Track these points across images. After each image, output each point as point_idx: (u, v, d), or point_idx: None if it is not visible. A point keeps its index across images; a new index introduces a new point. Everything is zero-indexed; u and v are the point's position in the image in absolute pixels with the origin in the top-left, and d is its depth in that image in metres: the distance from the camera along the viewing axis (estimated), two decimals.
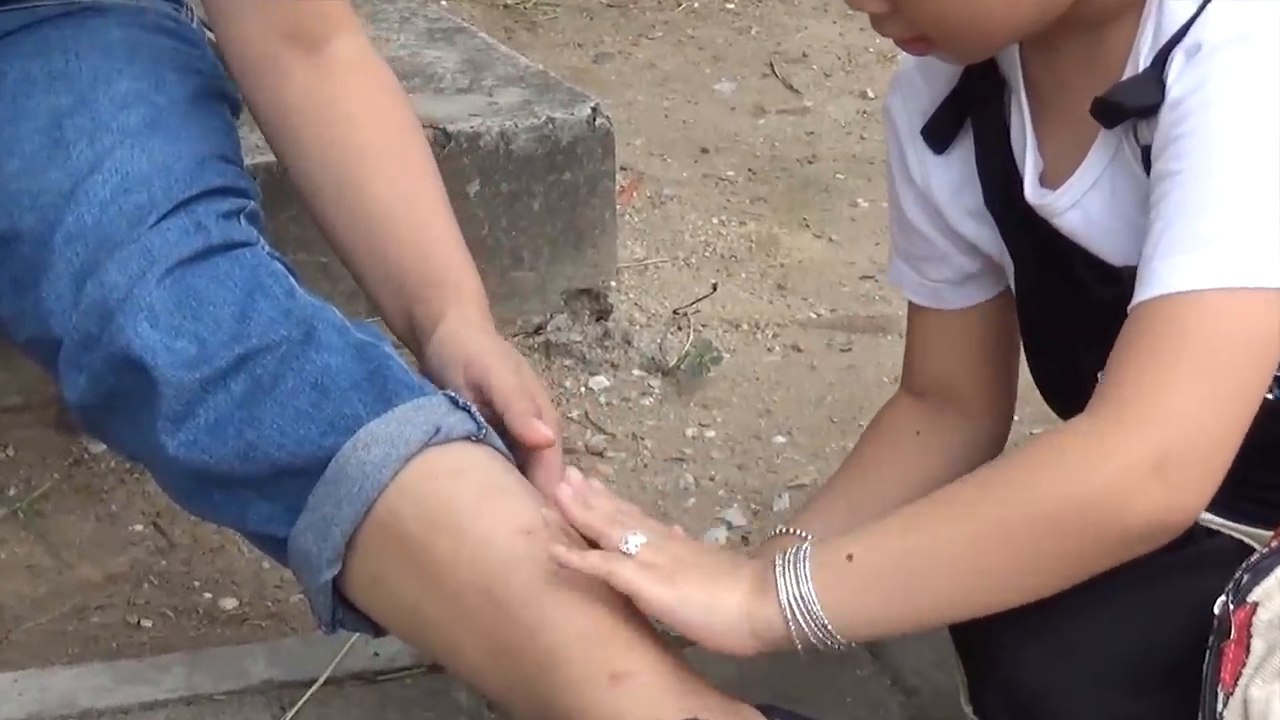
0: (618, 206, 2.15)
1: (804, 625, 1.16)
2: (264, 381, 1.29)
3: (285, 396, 1.29)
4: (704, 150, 2.59)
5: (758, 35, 3.05)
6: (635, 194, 2.40)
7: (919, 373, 1.47)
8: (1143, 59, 1.21)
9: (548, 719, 1.24)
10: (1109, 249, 1.26)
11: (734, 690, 1.25)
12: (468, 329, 1.44)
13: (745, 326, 2.13)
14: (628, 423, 1.95)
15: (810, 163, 2.57)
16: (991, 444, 1.45)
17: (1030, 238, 1.32)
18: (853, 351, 2.09)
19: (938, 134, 1.34)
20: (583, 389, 2.00)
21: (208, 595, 1.69)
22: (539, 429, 1.33)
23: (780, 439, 1.93)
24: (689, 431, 1.93)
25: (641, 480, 1.86)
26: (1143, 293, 1.17)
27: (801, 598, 1.16)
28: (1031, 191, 1.29)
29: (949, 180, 1.36)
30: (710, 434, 1.93)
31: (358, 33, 1.61)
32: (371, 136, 1.55)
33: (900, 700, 1.48)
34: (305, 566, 1.31)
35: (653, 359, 2.03)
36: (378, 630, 1.36)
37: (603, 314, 2.07)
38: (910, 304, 1.44)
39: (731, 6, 3.17)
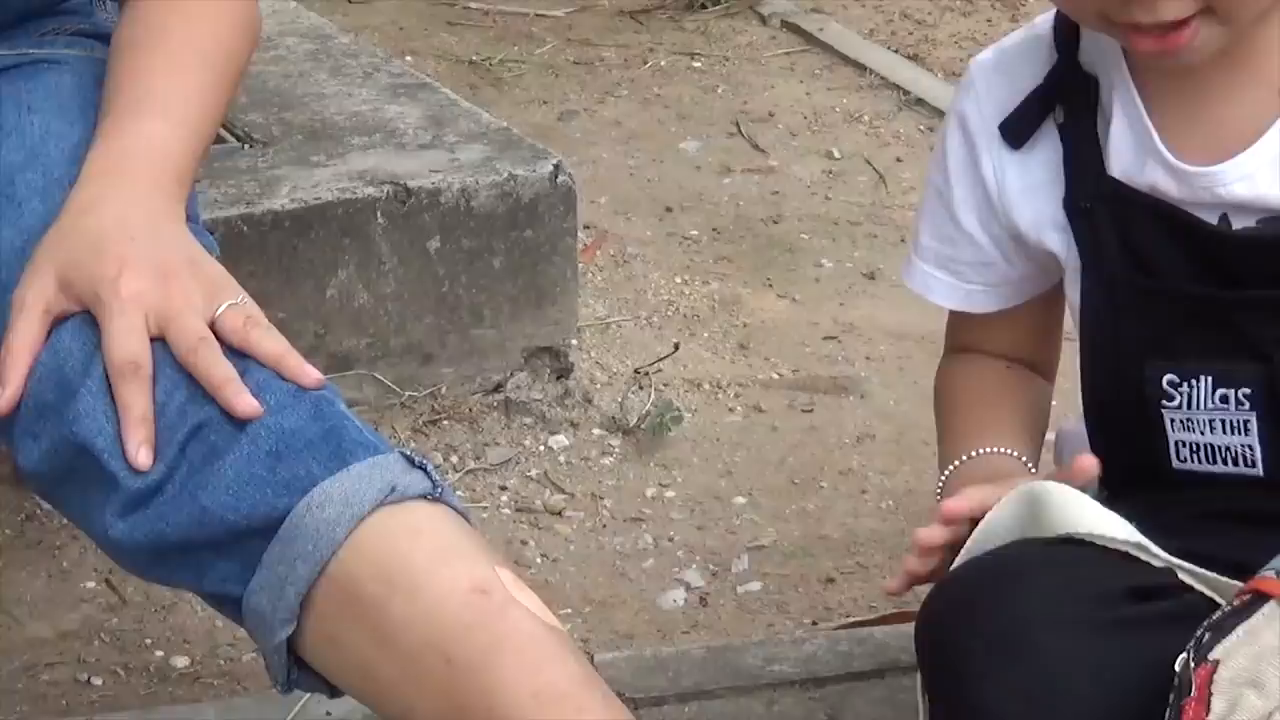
0: (580, 264, 2.14)
1: None
2: (218, 447, 1.27)
3: (240, 460, 1.27)
4: (668, 209, 2.60)
5: (724, 94, 3.05)
6: (598, 252, 2.40)
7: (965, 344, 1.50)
8: None
9: None
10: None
11: None
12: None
13: (707, 386, 2.13)
14: (587, 482, 1.94)
15: (775, 222, 2.57)
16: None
17: (1119, 230, 1.31)
18: (814, 412, 2.09)
19: (1018, 130, 1.34)
20: (542, 448, 1.99)
21: (159, 653, 1.67)
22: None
23: (740, 500, 1.92)
24: (649, 491, 1.93)
25: (600, 540, 1.85)
26: None
27: None
28: (1163, 175, 1.28)
29: (1023, 180, 1.35)
30: (670, 494, 1.92)
31: None
32: (155, 31, 1.51)
33: None
34: (260, 626, 1.29)
35: (613, 418, 2.03)
36: (333, 690, 1.35)
37: (563, 372, 2.07)
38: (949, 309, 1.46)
39: (698, 65, 3.17)
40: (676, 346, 2.20)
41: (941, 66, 3.17)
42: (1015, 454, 1.35)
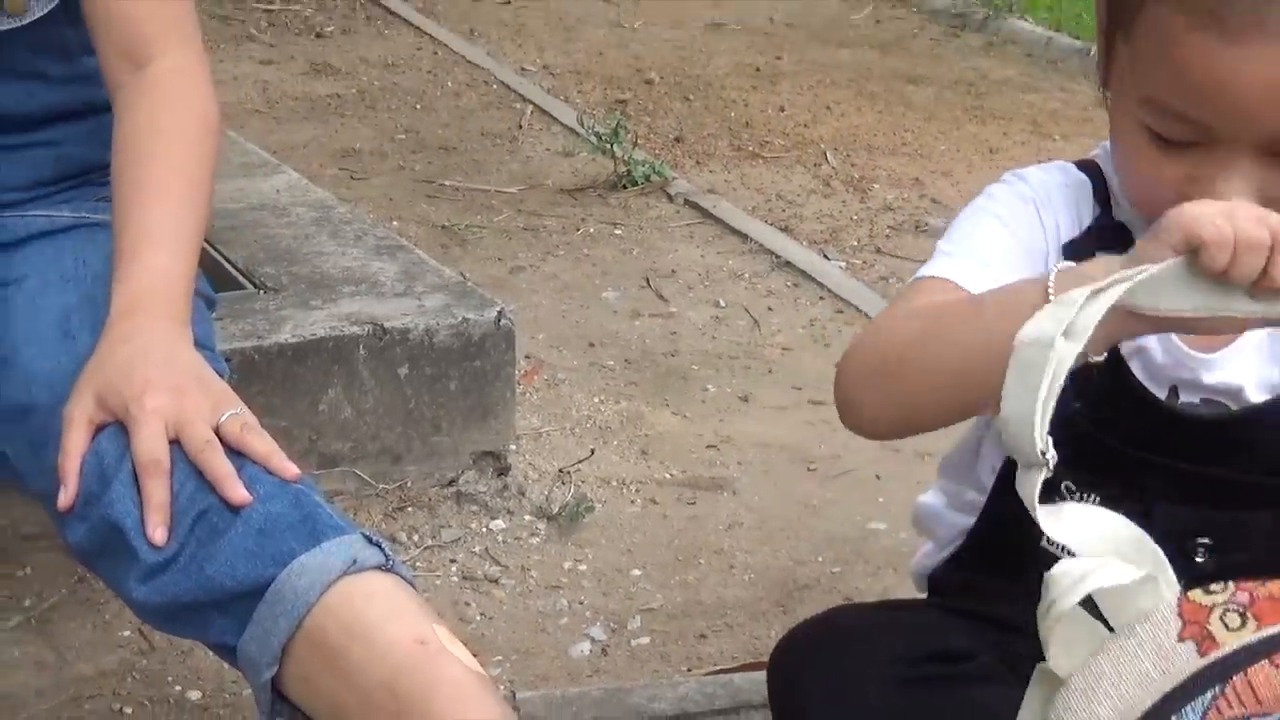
0: (518, 386, 2.15)
1: None
2: (219, 528, 1.26)
3: (236, 539, 1.26)
4: (591, 344, 2.60)
5: (638, 255, 3.05)
6: (535, 376, 2.40)
7: None
8: None
9: None
10: (1248, 390, 1.18)
11: None
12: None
13: (614, 483, 2.14)
14: (518, 557, 1.94)
15: (672, 356, 2.58)
16: None
17: (1116, 378, 1.17)
18: (696, 505, 2.10)
19: (1075, 253, 1.18)
20: (484, 529, 1.99)
21: (179, 688, 1.67)
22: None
23: (636, 572, 1.93)
24: (566, 565, 1.93)
25: (526, 603, 1.85)
26: None
27: None
28: (1164, 353, 1.18)
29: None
30: (583, 567, 1.93)
31: (180, 44, 1.53)
32: (139, 142, 1.47)
33: None
34: (250, 668, 1.29)
35: (540, 507, 2.03)
36: (306, 718, 1.32)
37: (503, 471, 2.08)
38: (938, 282, 1.18)
39: (619, 233, 3.17)
40: (592, 452, 2.20)
41: (806, 236, 3.19)
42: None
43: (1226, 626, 0.94)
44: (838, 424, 2.37)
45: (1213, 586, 0.95)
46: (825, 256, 3.08)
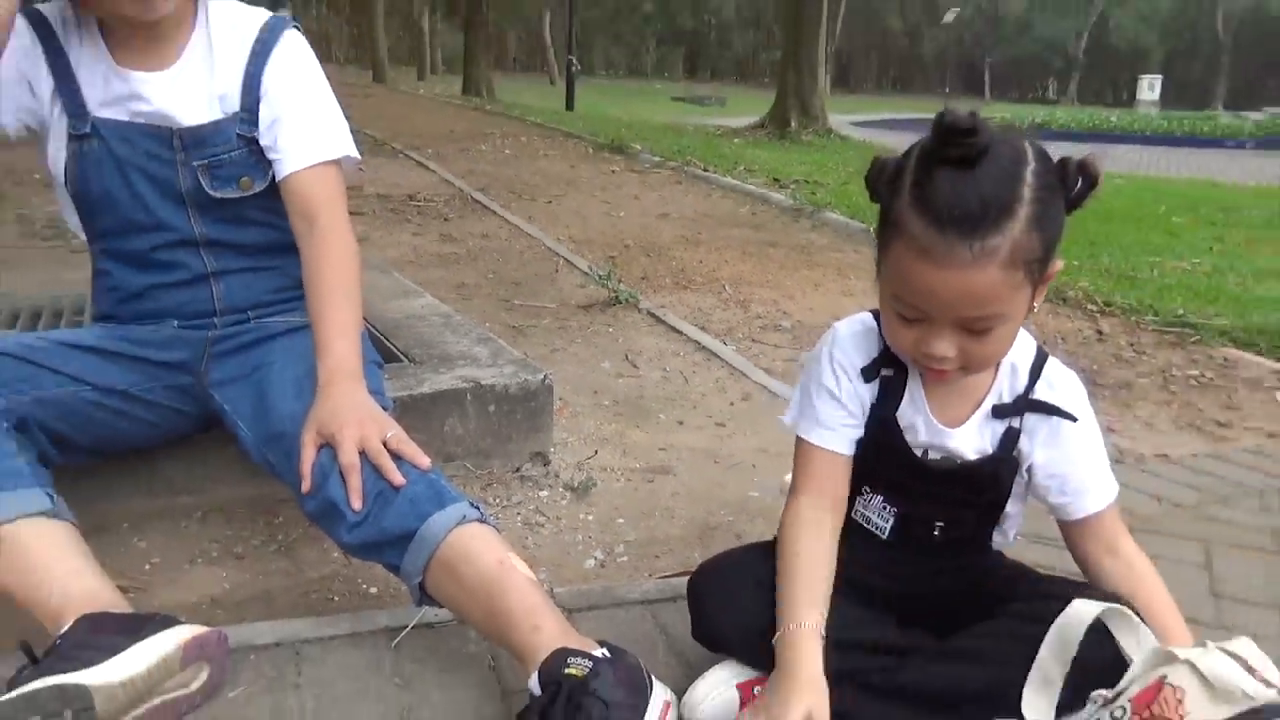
0: (555, 416, 2.11)
1: None
2: (389, 499, 1.24)
3: (398, 505, 1.24)
4: (595, 392, 2.56)
5: (621, 342, 3.00)
6: (564, 411, 2.37)
7: (814, 482, 1.16)
8: (1005, 391, 1.12)
9: (512, 649, 1.17)
10: (967, 453, 1.13)
11: None
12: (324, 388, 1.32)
13: (608, 470, 2.09)
14: (554, 512, 1.89)
15: (640, 399, 2.53)
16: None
17: (891, 443, 1.15)
18: (654, 483, 2.05)
19: (867, 374, 1.15)
20: (535, 497, 1.94)
21: (364, 586, 1.61)
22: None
23: (620, 520, 1.88)
24: (580, 516, 1.89)
25: (559, 538, 1.80)
26: (1091, 505, 1.12)
27: None
28: (924, 427, 1.14)
29: (869, 392, 1.15)
30: (590, 518, 1.88)
31: (330, 210, 1.45)
32: (316, 273, 1.42)
33: None
34: (407, 578, 1.26)
35: (567, 484, 1.99)
36: (439, 605, 1.28)
37: (546, 463, 2.03)
38: (809, 445, 1.16)
39: (610, 330, 3.12)
40: (596, 452, 2.17)
41: (714, 332, 3.17)
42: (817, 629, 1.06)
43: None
44: (734, 436, 2.38)
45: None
46: (724, 343, 3.06)
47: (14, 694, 1.02)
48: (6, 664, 1.18)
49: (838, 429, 1.15)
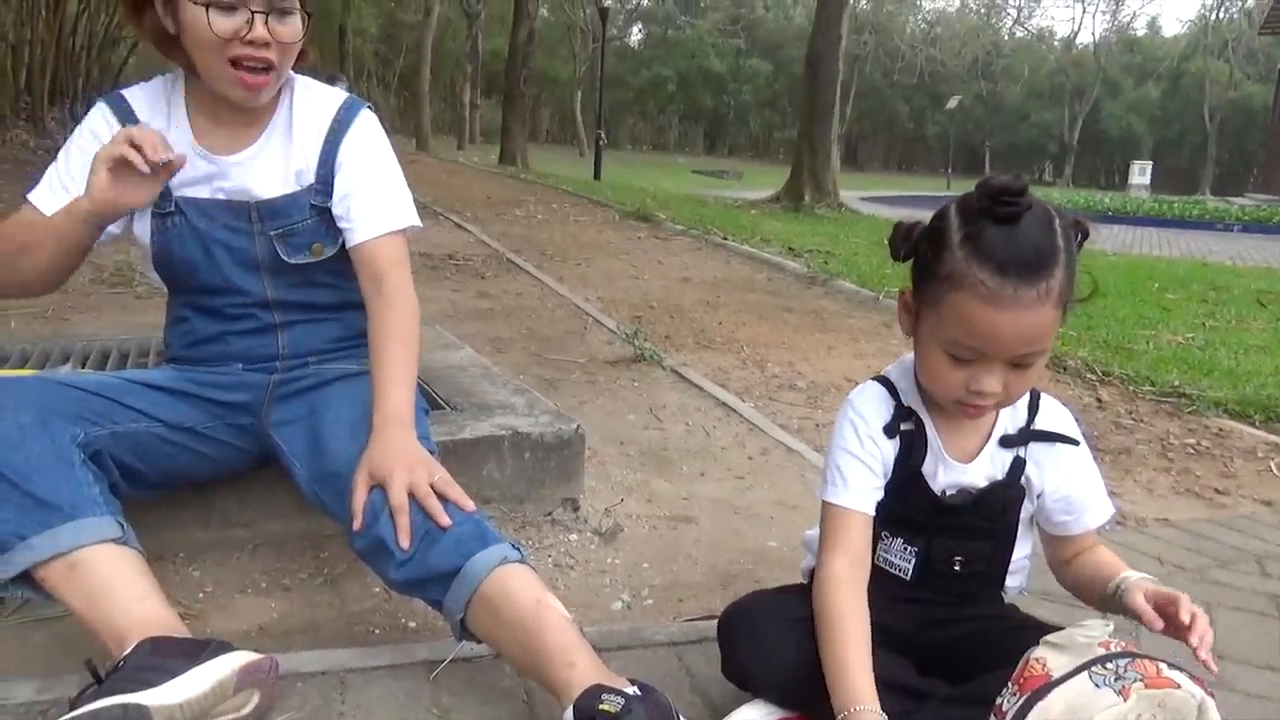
0: (585, 465, 2.09)
1: None
2: (435, 538, 1.24)
3: (444, 544, 1.24)
4: (621, 443, 2.55)
5: (645, 395, 2.99)
6: (593, 460, 2.35)
7: (846, 543, 1.14)
8: (1009, 425, 1.16)
9: (547, 684, 1.17)
10: (980, 483, 1.16)
11: None
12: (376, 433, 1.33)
13: (634, 517, 2.08)
14: (583, 555, 1.88)
15: (664, 450, 2.52)
16: None
17: (916, 487, 1.18)
18: (677, 530, 2.03)
19: (889, 431, 1.17)
20: (566, 540, 1.93)
21: (403, 620, 1.61)
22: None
23: (645, 565, 1.87)
24: (608, 560, 1.87)
25: (586, 581, 1.79)
26: (1092, 522, 1.18)
27: None
28: (943, 470, 1.16)
29: (889, 452, 1.17)
30: (617, 562, 1.87)
31: (396, 271, 1.46)
32: (381, 328, 1.42)
33: None
34: (449, 615, 1.26)
35: (595, 529, 1.98)
36: (478, 641, 1.28)
37: (576, 508, 2.02)
38: (839, 509, 1.16)
39: (636, 384, 3.12)
40: (622, 500, 2.16)
41: (733, 390, 3.17)
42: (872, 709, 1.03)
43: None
44: (753, 488, 2.35)
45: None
46: (743, 400, 3.06)
47: (79, 711, 1.02)
48: (69, 684, 1.19)
49: (865, 491, 1.17)
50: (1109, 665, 0.95)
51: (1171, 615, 1.02)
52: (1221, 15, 53.73)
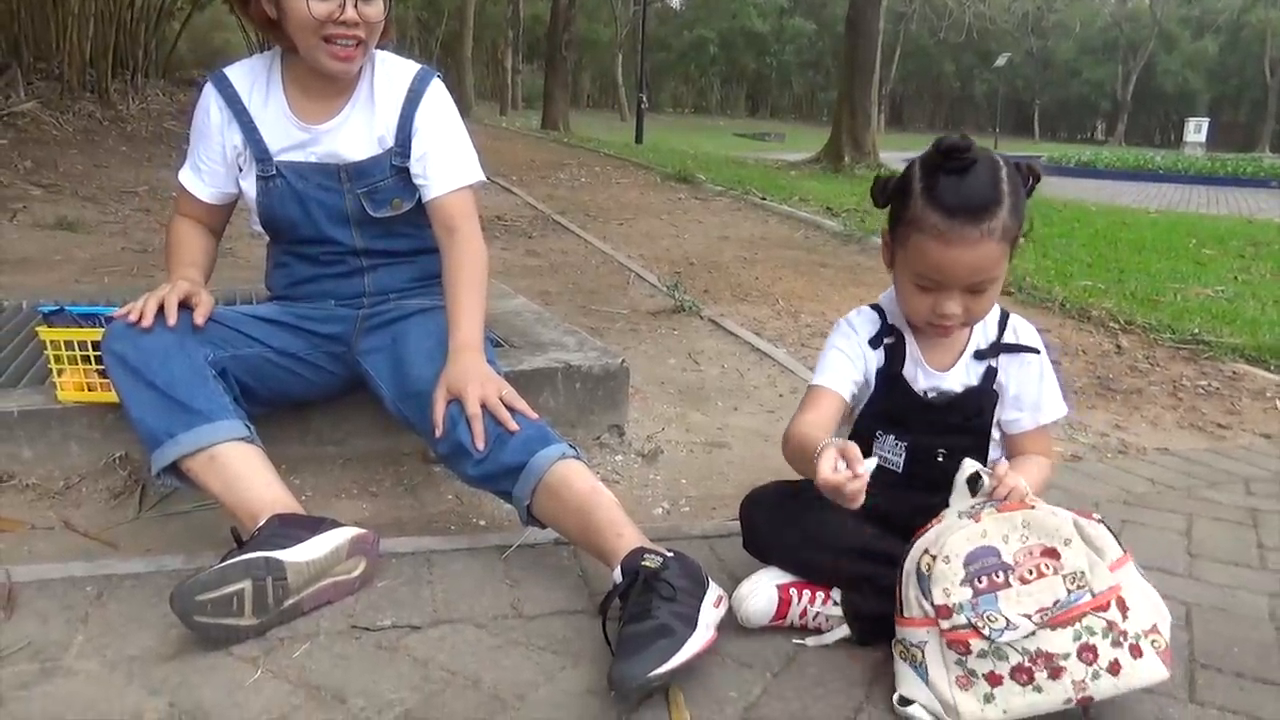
0: (629, 398, 2.23)
1: None
2: (505, 440, 1.40)
3: (512, 445, 1.40)
4: (662, 383, 2.69)
5: (684, 342, 3.11)
6: (637, 396, 2.49)
7: (815, 411, 1.29)
8: (982, 341, 1.32)
9: (599, 553, 1.33)
10: (958, 389, 1.31)
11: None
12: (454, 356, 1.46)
13: (673, 443, 2.23)
14: (628, 473, 2.04)
15: (700, 389, 2.66)
16: None
17: (898, 387, 1.32)
18: (711, 454, 2.18)
19: (874, 342, 1.34)
20: (613, 460, 2.09)
21: (473, 519, 1.77)
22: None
23: (684, 481, 2.02)
24: (650, 477, 2.03)
25: (632, 492, 1.94)
26: (1038, 419, 1.33)
27: None
28: (923, 375, 1.31)
29: (872, 358, 1.34)
30: (658, 479, 2.02)
31: (467, 222, 1.60)
32: (455, 270, 1.56)
33: None
34: (518, 504, 1.42)
35: (639, 451, 2.14)
36: (543, 526, 1.44)
37: (622, 434, 2.17)
38: (816, 387, 1.31)
39: (676, 333, 3.24)
40: (663, 428, 2.32)
41: (767, 337, 3.28)
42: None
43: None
44: (783, 420, 2.51)
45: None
46: (775, 346, 3.17)
47: (232, 560, 1.27)
48: (207, 558, 1.44)
49: (841, 377, 1.33)
50: (976, 506, 1.16)
51: (1001, 475, 1.17)
52: None
